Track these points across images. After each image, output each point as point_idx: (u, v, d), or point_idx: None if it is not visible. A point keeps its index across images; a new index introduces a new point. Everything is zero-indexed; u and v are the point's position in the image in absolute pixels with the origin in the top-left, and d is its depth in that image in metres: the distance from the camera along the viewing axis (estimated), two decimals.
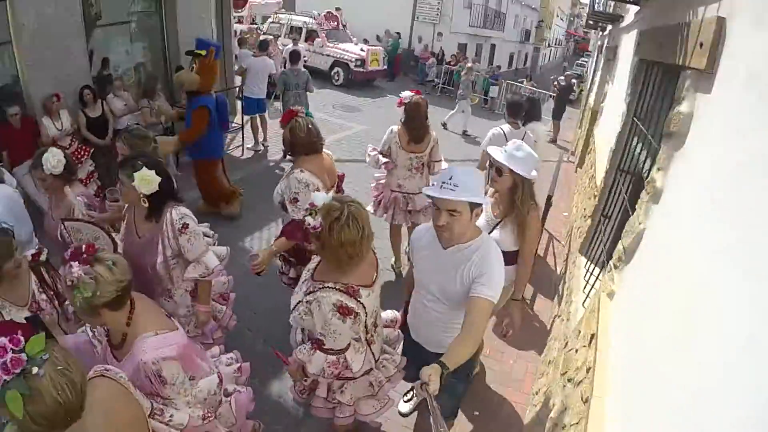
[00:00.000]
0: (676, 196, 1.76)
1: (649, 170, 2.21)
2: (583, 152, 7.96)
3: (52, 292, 2.33)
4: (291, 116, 3.01)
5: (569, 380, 2.30)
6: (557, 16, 39.34)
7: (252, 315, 3.88)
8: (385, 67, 15.73)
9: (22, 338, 1.21)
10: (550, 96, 14.29)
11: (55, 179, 2.74)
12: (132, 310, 1.84)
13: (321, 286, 1.99)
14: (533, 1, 31.06)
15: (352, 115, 11.42)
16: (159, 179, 2.33)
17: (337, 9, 16.52)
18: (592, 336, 2.12)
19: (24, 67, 4.94)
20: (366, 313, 2.05)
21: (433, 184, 2.07)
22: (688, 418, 1.13)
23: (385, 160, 4.17)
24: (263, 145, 8.10)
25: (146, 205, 2.38)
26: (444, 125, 11.25)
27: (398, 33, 18.22)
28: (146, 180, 2.30)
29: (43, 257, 2.37)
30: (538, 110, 5.19)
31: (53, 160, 2.66)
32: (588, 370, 1.98)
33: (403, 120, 4.06)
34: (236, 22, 12.82)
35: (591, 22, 9.76)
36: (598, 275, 2.93)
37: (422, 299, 2.24)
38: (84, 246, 1.72)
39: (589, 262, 3.58)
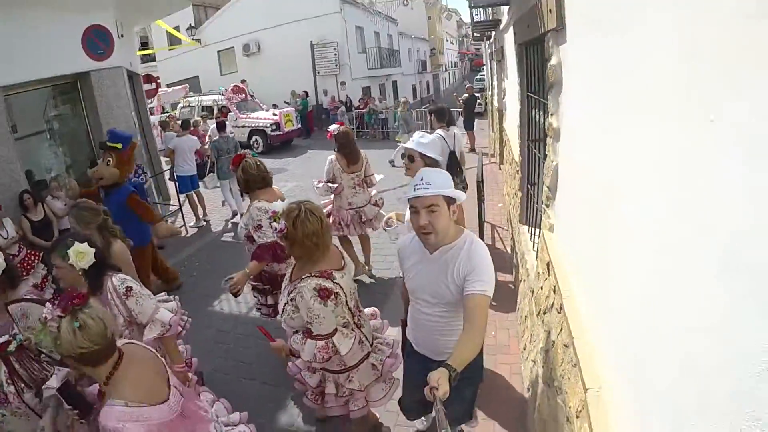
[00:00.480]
0: (567, 128, 2.20)
1: (547, 119, 2.67)
2: (500, 149, 8.70)
3: (22, 385, 2.17)
4: (240, 159, 3.28)
5: (544, 312, 2.63)
6: (447, 40, 42.36)
7: (239, 364, 3.98)
8: (299, 126, 16.22)
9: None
10: (458, 112, 15.30)
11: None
12: (114, 369, 1.71)
13: (299, 280, 2.23)
14: (421, 32, 33.36)
15: (280, 176, 11.66)
16: (93, 250, 2.30)
17: (243, 81, 17.04)
18: (548, 264, 2.49)
19: None
20: (345, 293, 2.29)
21: (406, 193, 2.14)
22: (622, 277, 1.50)
23: (334, 185, 4.67)
24: (204, 220, 8.15)
25: (85, 280, 2.34)
26: (391, 162, 11.17)
27: (305, 92, 18.94)
28: (81, 254, 2.27)
29: (11, 347, 2.15)
30: (453, 116, 5.73)
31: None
32: (554, 290, 2.32)
33: (337, 148, 4.64)
34: None
35: (477, 34, 10.76)
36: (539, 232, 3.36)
37: (418, 307, 2.24)
38: (78, 292, 1.69)
39: (529, 227, 4.04)
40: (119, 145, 4.70)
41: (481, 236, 5.44)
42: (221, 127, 7.92)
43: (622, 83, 1.42)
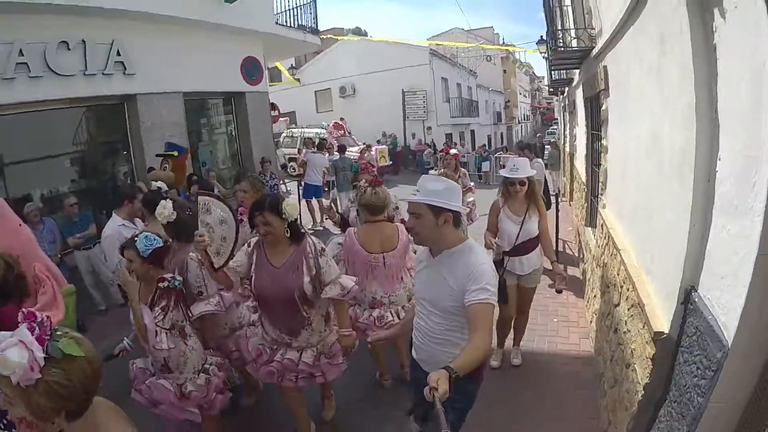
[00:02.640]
0: (613, 148, 3.90)
1: (600, 142, 4.36)
2: (571, 188, 10.20)
3: (161, 313, 2.60)
4: (379, 182, 3.43)
5: (611, 285, 3.35)
6: (520, 94, 44.25)
7: None
8: (391, 162, 18.45)
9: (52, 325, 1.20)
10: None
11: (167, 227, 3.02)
12: None
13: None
14: (497, 85, 35.51)
15: None
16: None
17: (341, 119, 19.68)
18: (602, 226, 4.09)
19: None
20: None
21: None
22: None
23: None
24: (321, 225, 10.09)
25: (288, 235, 2.65)
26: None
27: (393, 134, 21.33)
28: (293, 206, 2.65)
29: (170, 284, 2.59)
30: (538, 150, 7.49)
31: (162, 211, 2.96)
32: (608, 239, 3.86)
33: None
34: None
35: (552, 90, 12.51)
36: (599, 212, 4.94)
37: (419, 310, 2.26)
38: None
39: (591, 228, 5.60)
40: (175, 153, 5.47)
41: (556, 245, 6.88)
42: (342, 149, 10.07)
43: (624, 114, 3.13)
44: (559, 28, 5.40)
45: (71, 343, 1.18)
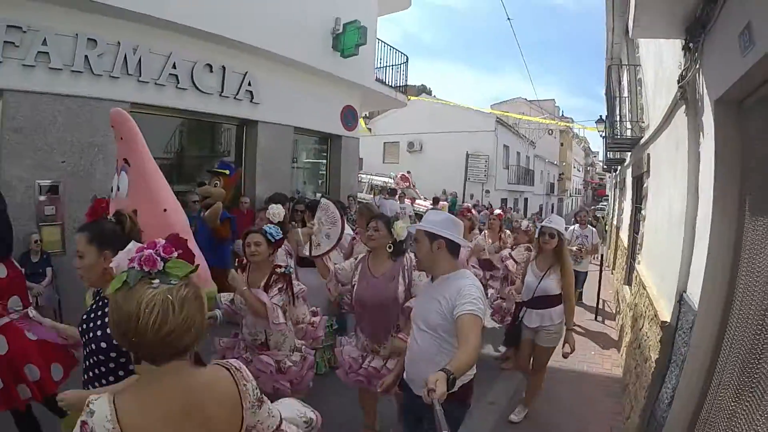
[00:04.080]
0: (648, 216, 5.09)
1: (640, 213, 5.54)
2: (614, 256, 11.14)
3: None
4: None
5: (639, 317, 5.26)
6: (574, 167, 45.13)
7: None
8: None
9: (174, 253, 1.18)
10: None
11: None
12: None
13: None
14: (553, 157, 36.68)
15: None
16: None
17: (408, 172, 21.38)
18: (636, 277, 5.21)
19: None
20: None
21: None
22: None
23: None
24: None
25: (390, 249, 3.06)
26: None
27: (455, 192, 22.77)
28: (402, 228, 3.04)
29: (285, 270, 3.19)
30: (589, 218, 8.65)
31: (276, 211, 4.22)
32: (642, 287, 5.02)
33: None
34: None
35: (606, 167, 13.62)
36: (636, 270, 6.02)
37: (413, 333, 2.39)
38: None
39: (628, 285, 6.65)
40: (227, 171, 5.71)
41: (597, 303, 7.85)
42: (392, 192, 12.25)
43: (656, 191, 4.37)
44: (617, 119, 6.69)
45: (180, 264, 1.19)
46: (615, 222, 12.29)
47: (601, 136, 13.27)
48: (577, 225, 7.85)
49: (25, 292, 3.02)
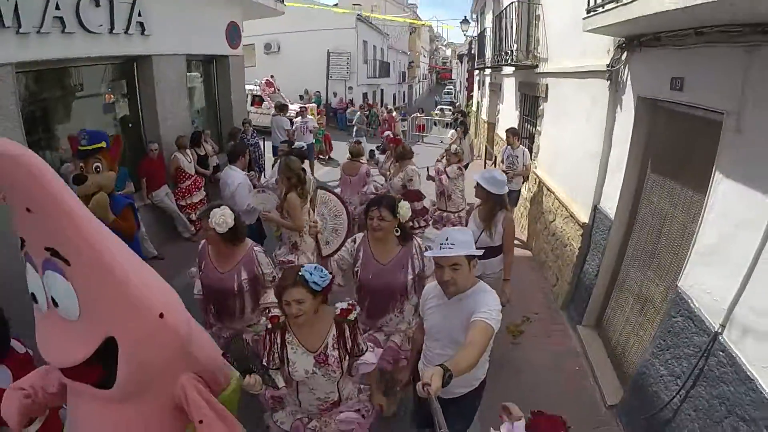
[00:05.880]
0: (547, 134, 6.67)
1: (534, 127, 7.14)
2: (486, 150, 13.19)
3: (345, 354, 2.27)
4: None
5: (546, 211, 7.06)
6: (421, 54, 47.16)
7: None
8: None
9: None
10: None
11: (217, 235, 2.79)
12: None
13: None
14: (404, 46, 37.89)
15: None
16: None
17: (272, 76, 20.80)
18: (542, 185, 6.93)
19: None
20: None
21: (430, 247, 2.47)
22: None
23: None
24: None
25: (398, 234, 2.92)
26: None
27: (318, 91, 22.87)
28: (407, 209, 2.91)
29: (352, 316, 2.29)
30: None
31: (219, 217, 2.75)
32: (550, 191, 6.73)
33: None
34: None
35: (472, 66, 15.14)
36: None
37: (434, 349, 2.39)
38: None
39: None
40: (103, 144, 3.96)
41: None
42: (283, 109, 12.12)
43: (558, 119, 5.87)
44: (511, 49, 7.92)
45: None
46: (485, 117, 14.22)
47: (465, 35, 14.43)
48: (507, 146, 7.34)
49: None
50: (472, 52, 13.43)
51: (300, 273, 2.14)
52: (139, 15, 6.52)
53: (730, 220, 2.54)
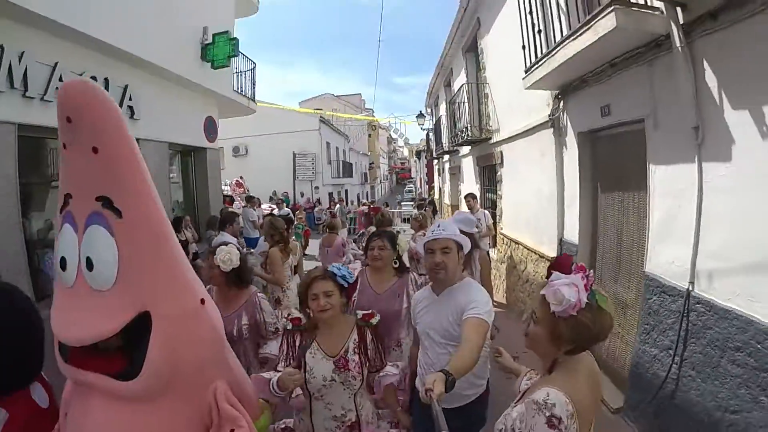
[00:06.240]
0: (507, 195, 7.35)
1: (495, 194, 7.83)
2: None
3: (365, 359, 2.25)
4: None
5: (518, 263, 7.52)
6: (380, 156, 49.94)
7: None
8: None
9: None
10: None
11: (222, 274, 2.83)
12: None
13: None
14: (364, 148, 40.26)
15: None
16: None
17: (241, 177, 21.55)
18: (508, 241, 7.45)
19: None
20: None
21: (424, 239, 2.51)
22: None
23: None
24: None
25: (396, 265, 3.11)
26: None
27: (285, 192, 23.68)
28: (406, 243, 3.17)
29: (374, 320, 2.35)
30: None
31: (225, 254, 2.81)
32: (517, 244, 7.24)
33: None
34: None
35: (433, 156, 16.34)
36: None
37: (426, 344, 2.42)
38: None
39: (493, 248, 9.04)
40: None
41: None
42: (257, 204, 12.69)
43: (515, 178, 6.56)
44: (463, 123, 8.89)
45: (605, 300, 1.42)
46: (448, 201, 15.11)
47: (422, 128, 15.67)
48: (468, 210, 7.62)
49: None
50: (430, 144, 14.61)
51: (327, 269, 2.27)
52: (130, 99, 7.05)
53: (671, 196, 3.13)
